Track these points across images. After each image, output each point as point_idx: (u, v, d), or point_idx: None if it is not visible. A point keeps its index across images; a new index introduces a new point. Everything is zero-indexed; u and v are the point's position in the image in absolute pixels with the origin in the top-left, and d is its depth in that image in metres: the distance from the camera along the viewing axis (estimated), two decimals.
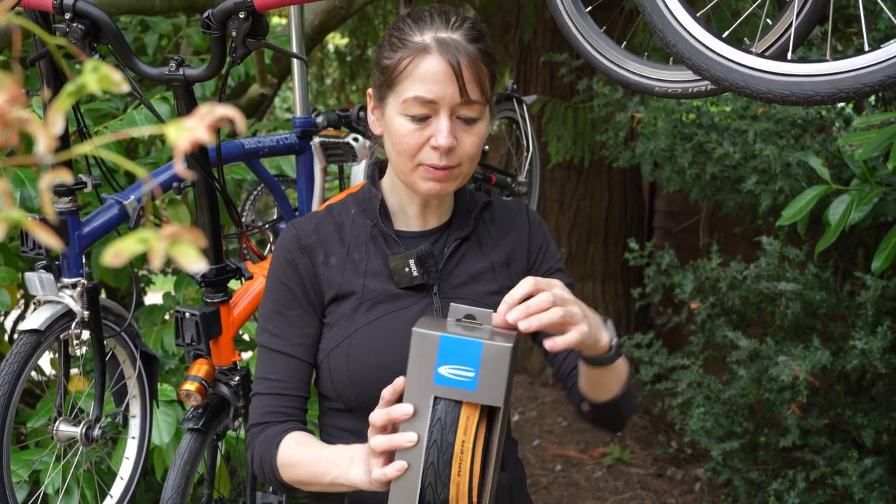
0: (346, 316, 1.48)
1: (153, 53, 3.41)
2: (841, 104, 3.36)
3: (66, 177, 0.54)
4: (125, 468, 2.18)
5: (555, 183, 5.83)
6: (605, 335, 1.38)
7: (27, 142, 2.53)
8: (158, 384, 2.37)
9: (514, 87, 2.95)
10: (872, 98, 3.14)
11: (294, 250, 1.51)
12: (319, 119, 2.46)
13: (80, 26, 1.71)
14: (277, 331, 1.50)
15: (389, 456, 1.25)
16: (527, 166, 2.92)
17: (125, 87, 0.61)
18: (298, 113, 2.43)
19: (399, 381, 1.26)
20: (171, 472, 1.87)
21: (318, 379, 1.54)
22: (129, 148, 3.31)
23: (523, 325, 1.24)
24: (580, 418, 1.57)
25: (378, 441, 1.24)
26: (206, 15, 1.65)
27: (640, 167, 4.26)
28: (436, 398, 1.21)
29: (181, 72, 1.75)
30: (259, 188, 2.69)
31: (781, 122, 3.27)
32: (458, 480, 1.21)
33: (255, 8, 1.62)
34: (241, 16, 1.63)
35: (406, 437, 1.22)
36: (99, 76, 0.61)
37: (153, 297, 3.43)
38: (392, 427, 1.26)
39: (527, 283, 1.28)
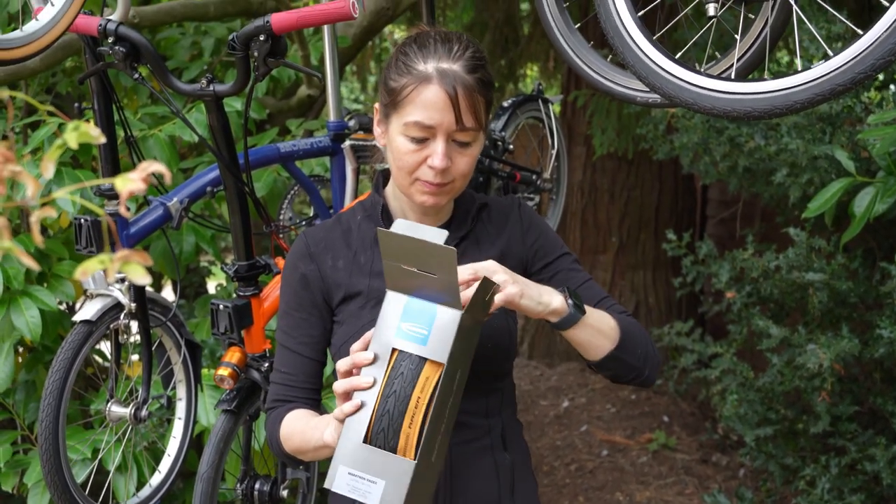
0: (354, 314, 1.64)
1: (210, 55, 3.62)
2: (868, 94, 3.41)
3: (51, 213, 0.71)
4: (172, 446, 2.40)
5: (606, 173, 5.91)
6: (557, 297, 1.51)
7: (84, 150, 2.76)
8: (207, 370, 2.58)
9: (541, 87, 3.09)
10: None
11: (303, 258, 1.67)
12: (352, 122, 2.63)
13: (121, 49, 1.91)
14: (287, 329, 1.68)
15: (350, 398, 1.41)
16: (553, 163, 3.06)
17: (102, 140, 0.78)
18: (332, 118, 2.61)
19: (368, 335, 1.43)
20: (207, 449, 2.07)
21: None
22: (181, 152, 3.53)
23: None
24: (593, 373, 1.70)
25: (339, 384, 1.41)
26: (231, 37, 1.84)
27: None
28: (400, 352, 1.38)
29: (211, 88, 1.94)
30: (295, 188, 2.87)
31: (809, 116, 3.34)
32: (409, 432, 1.34)
33: (273, 31, 1.80)
34: (262, 38, 1.81)
35: (364, 379, 1.38)
36: (79, 133, 0.78)
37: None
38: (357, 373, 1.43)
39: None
